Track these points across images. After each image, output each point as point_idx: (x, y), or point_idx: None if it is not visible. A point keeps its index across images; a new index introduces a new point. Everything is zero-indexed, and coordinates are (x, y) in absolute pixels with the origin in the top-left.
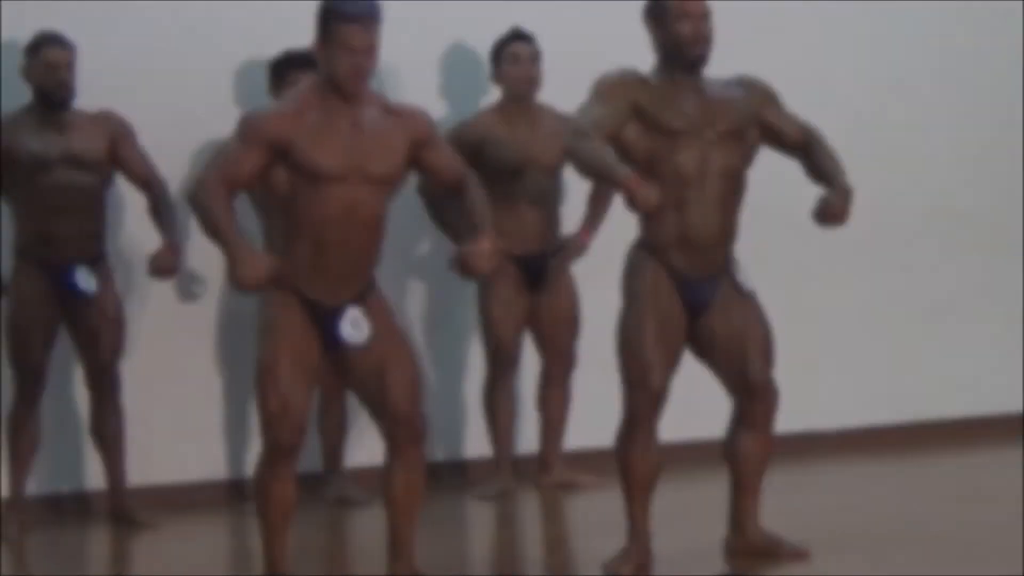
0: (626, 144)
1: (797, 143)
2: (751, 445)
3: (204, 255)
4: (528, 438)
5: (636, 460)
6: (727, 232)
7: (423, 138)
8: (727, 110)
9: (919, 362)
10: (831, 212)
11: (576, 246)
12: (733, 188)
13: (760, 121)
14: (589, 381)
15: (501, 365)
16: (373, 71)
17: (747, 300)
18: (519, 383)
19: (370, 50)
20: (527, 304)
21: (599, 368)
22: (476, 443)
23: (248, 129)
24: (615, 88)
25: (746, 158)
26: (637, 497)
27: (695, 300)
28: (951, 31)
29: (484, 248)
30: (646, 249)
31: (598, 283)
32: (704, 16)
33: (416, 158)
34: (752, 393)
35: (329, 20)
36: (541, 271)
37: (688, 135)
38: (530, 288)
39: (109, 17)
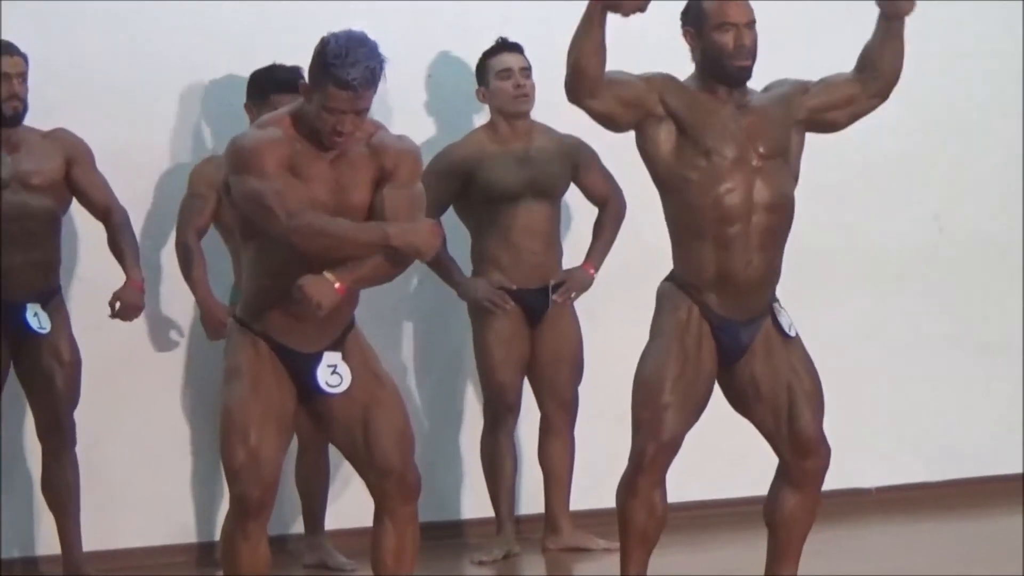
0: (657, 156)
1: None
2: (797, 506)
3: (173, 290)
4: (531, 496)
5: (636, 511)
6: (772, 272)
7: (387, 171)
8: (769, 128)
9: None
10: None
11: (580, 280)
12: (782, 222)
13: (801, 120)
14: (598, 433)
15: (500, 412)
16: (356, 132)
17: (792, 345)
18: (518, 433)
19: (359, 113)
20: (527, 343)
21: (608, 419)
22: (473, 500)
23: (256, 158)
24: (648, 76)
25: (795, 181)
26: (633, 552)
27: (731, 344)
28: (954, 51)
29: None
30: (679, 285)
31: (603, 321)
32: (748, 24)
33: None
34: (803, 450)
35: (322, 74)
36: (541, 307)
37: (732, 161)
38: (529, 326)
39: (59, 29)
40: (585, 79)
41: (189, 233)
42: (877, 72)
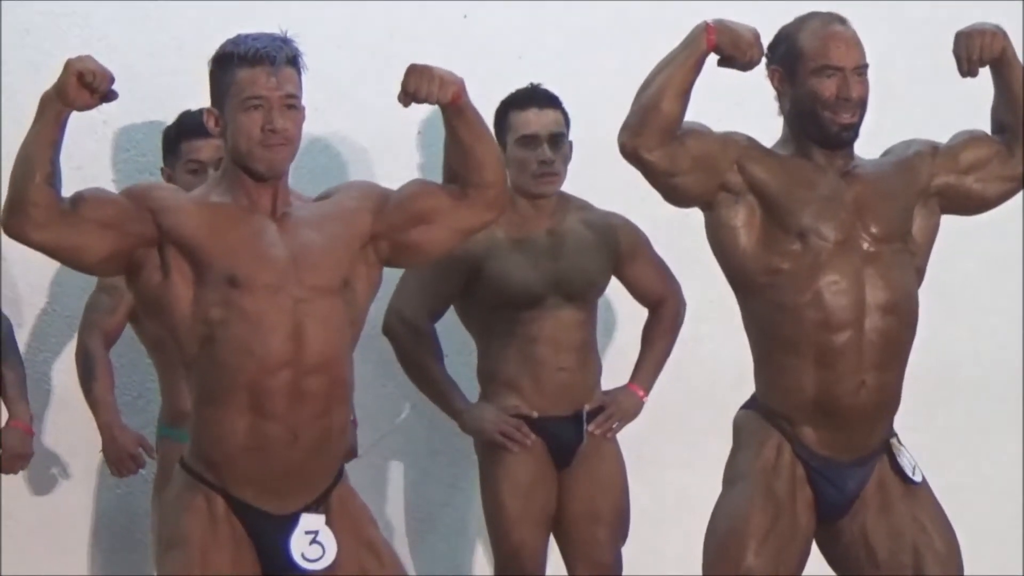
0: (735, 246)
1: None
2: None
3: (70, 416)
4: None
5: None
6: (890, 397)
7: (381, 199)
8: (885, 202)
9: None
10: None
11: (624, 405)
12: (903, 328)
13: (934, 192)
14: None
15: None
16: (296, 143)
17: (917, 494)
18: None
19: (289, 106)
20: (553, 490)
21: None
22: None
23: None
24: (726, 134)
25: (920, 274)
26: None
27: (835, 494)
28: None
29: None
30: (764, 414)
31: (654, 460)
32: (858, 70)
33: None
34: None
35: (226, 71)
36: (572, 442)
37: (836, 244)
38: (557, 467)
39: None
40: (659, 124)
41: (93, 337)
42: (1013, 132)
